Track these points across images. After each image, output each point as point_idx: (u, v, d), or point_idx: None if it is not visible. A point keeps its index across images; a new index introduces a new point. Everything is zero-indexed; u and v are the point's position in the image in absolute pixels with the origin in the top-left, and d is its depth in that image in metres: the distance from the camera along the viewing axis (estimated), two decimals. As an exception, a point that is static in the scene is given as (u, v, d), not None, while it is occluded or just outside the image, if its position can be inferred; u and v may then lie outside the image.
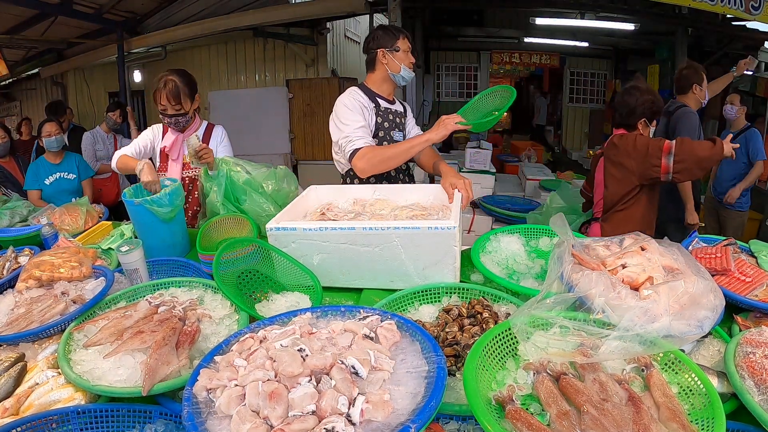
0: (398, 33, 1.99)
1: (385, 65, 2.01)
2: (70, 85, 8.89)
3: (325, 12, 5.94)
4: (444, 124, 1.77)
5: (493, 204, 3.67)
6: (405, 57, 2.00)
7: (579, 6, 6.47)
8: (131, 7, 6.40)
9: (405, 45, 1.99)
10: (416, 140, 1.84)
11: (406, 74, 2.02)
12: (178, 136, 2.17)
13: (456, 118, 1.78)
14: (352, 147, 1.87)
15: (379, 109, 2.02)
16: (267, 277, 1.44)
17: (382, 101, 2.05)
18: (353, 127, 1.89)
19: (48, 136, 3.24)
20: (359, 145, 1.86)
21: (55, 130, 3.27)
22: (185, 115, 2.11)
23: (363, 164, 1.84)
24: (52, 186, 3.27)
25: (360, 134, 1.89)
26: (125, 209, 1.74)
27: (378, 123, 2.00)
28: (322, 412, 0.74)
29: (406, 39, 2.00)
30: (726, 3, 4.11)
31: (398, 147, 1.85)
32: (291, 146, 7.21)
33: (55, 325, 1.14)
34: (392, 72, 2.01)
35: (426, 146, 1.86)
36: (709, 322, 0.97)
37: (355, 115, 1.92)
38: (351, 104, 1.94)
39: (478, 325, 1.11)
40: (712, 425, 0.77)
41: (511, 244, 1.57)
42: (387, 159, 1.85)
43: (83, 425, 0.92)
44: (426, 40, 8.57)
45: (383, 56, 2.00)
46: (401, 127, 2.10)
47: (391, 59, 1.99)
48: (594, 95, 9.45)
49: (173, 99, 2.04)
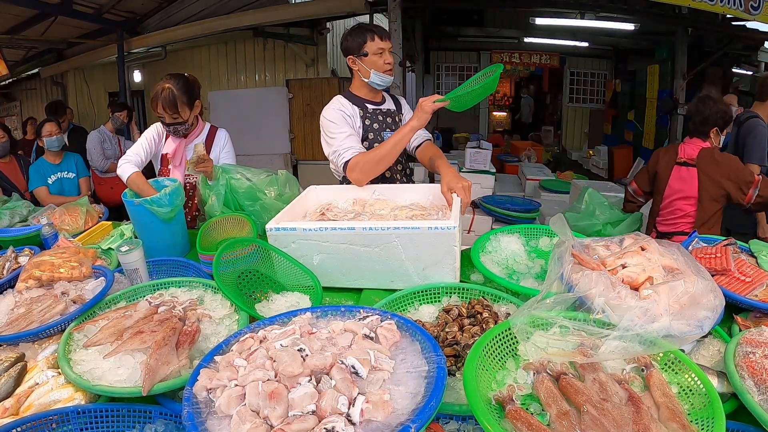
0: (366, 34, 1.85)
1: (357, 71, 1.94)
2: (70, 85, 8.88)
3: (325, 12, 5.94)
4: (422, 107, 1.71)
5: (493, 204, 3.67)
6: (376, 60, 1.87)
7: (579, 6, 6.47)
8: (131, 7, 6.40)
9: (375, 47, 1.85)
10: (401, 132, 1.78)
11: (377, 79, 1.91)
12: (180, 141, 2.13)
13: (433, 97, 1.71)
14: (342, 161, 1.85)
15: (366, 112, 1.97)
16: (267, 277, 1.44)
17: (368, 104, 1.99)
18: (339, 140, 1.86)
19: (48, 136, 3.26)
20: (348, 157, 1.83)
21: (55, 130, 3.29)
22: (183, 124, 2.05)
23: (356, 174, 1.82)
24: (54, 186, 3.28)
25: (347, 145, 1.85)
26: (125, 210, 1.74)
27: (366, 126, 1.96)
28: (322, 412, 0.74)
29: (378, 38, 1.85)
30: (725, 3, 4.11)
31: (385, 145, 1.80)
32: (291, 146, 7.22)
33: (55, 325, 1.14)
34: (364, 78, 1.93)
35: (412, 135, 1.79)
36: (709, 322, 0.97)
37: (339, 126, 1.88)
38: (332, 116, 1.90)
39: (478, 325, 1.11)
40: (712, 425, 0.77)
41: (511, 244, 1.57)
42: (378, 161, 1.80)
43: (83, 425, 0.92)
44: (426, 40, 8.58)
45: (353, 63, 1.91)
46: (394, 126, 2.03)
47: (360, 65, 1.89)
48: (594, 95, 9.46)
49: (170, 108, 1.98)
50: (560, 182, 5.22)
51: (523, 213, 3.55)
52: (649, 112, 7.20)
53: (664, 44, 6.67)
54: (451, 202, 1.56)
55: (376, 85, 1.94)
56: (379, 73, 1.90)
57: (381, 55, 1.87)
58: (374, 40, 1.85)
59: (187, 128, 2.09)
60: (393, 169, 2.09)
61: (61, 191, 3.29)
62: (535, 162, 7.37)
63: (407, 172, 2.17)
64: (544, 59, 8.98)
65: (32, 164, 3.34)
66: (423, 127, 1.79)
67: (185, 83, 2.03)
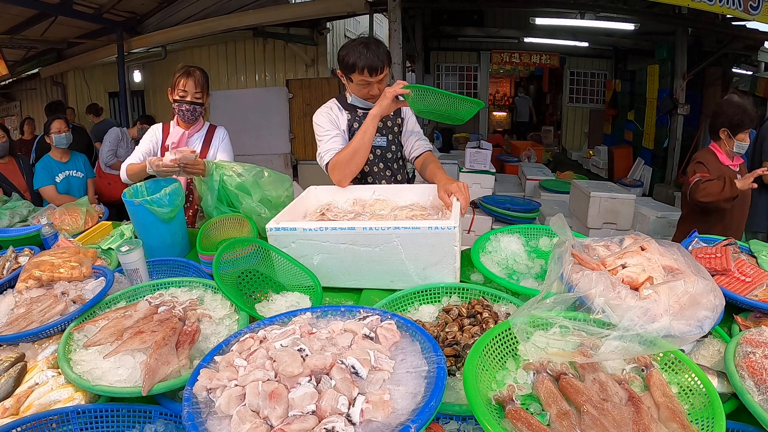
0: (355, 67, 1.78)
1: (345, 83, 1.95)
2: (70, 85, 8.89)
3: (325, 12, 5.95)
4: (384, 95, 1.72)
5: (493, 204, 3.67)
6: (359, 89, 1.87)
7: (579, 6, 6.48)
8: (131, 7, 6.41)
9: (359, 78, 1.81)
10: (366, 123, 1.78)
11: (357, 103, 1.95)
12: (183, 134, 2.17)
13: (399, 84, 1.70)
14: (324, 163, 1.89)
15: (355, 116, 1.97)
16: (267, 277, 1.44)
17: (360, 109, 1.98)
18: (324, 142, 1.89)
19: (58, 133, 3.26)
20: (327, 159, 1.86)
21: (64, 127, 3.30)
22: (202, 106, 2.16)
23: (336, 175, 1.84)
24: (62, 184, 3.29)
25: (328, 147, 1.87)
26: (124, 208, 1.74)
27: (354, 129, 1.95)
28: (322, 412, 0.74)
29: (367, 72, 1.78)
30: (725, 3, 4.11)
31: (353, 140, 1.81)
32: (291, 146, 7.22)
33: (55, 325, 1.14)
34: (350, 93, 1.96)
35: (376, 122, 1.78)
36: (709, 322, 0.97)
37: (325, 129, 1.91)
38: (319, 119, 1.94)
39: (478, 325, 1.11)
40: (712, 425, 0.77)
41: (511, 244, 1.57)
42: (350, 157, 1.81)
43: (83, 425, 0.92)
44: (426, 40, 8.58)
45: (341, 76, 1.91)
46: (386, 130, 2.01)
47: (346, 83, 1.92)
48: (594, 95, 9.47)
49: (197, 86, 2.10)
50: (560, 182, 5.23)
51: (523, 213, 3.55)
52: (649, 112, 7.21)
53: (664, 44, 6.67)
54: (450, 204, 1.55)
55: (357, 104, 1.96)
56: (359, 99, 1.93)
57: (365, 86, 1.85)
58: (363, 73, 1.79)
59: (201, 113, 2.19)
60: (395, 170, 2.08)
61: (68, 190, 3.28)
62: (535, 162, 7.38)
63: (398, 178, 2.12)
64: (544, 59, 8.99)
65: (39, 161, 3.34)
66: (385, 114, 1.78)
67: (205, 73, 2.18)
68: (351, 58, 1.79)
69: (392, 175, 2.10)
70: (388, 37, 5.08)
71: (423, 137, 2.08)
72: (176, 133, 2.18)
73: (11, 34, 6.10)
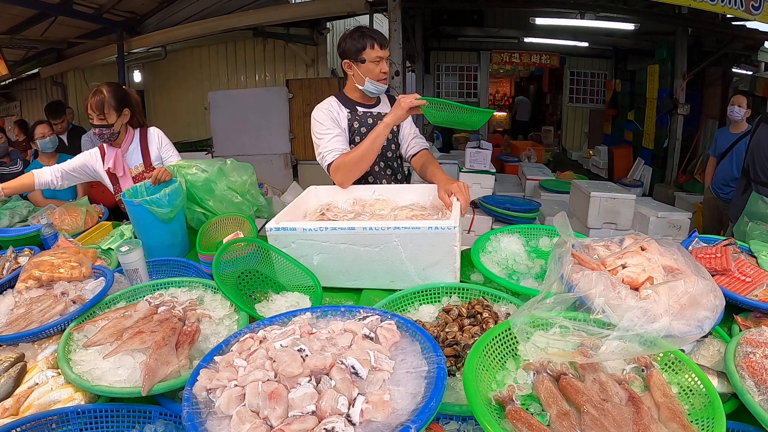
0: (365, 40, 1.81)
1: (352, 76, 1.91)
2: (70, 85, 8.87)
3: (325, 12, 5.95)
4: (399, 104, 1.70)
5: (493, 204, 3.66)
6: (372, 68, 1.84)
7: (579, 6, 6.48)
8: (131, 7, 6.40)
9: (373, 54, 1.82)
10: (377, 129, 1.76)
11: (371, 87, 1.89)
12: (116, 153, 2.12)
13: (413, 96, 1.70)
14: (326, 164, 1.86)
15: (355, 115, 1.95)
16: (267, 277, 1.44)
17: (359, 107, 1.97)
18: (325, 141, 1.86)
19: (41, 138, 3.18)
20: (330, 159, 1.84)
21: (48, 131, 3.21)
22: (109, 128, 2.05)
23: (339, 177, 1.82)
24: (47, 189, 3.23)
25: (331, 147, 1.85)
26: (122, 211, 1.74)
27: (354, 129, 1.95)
28: (322, 413, 0.74)
29: (378, 46, 1.82)
30: (726, 3, 4.10)
31: (363, 144, 1.79)
32: (291, 146, 7.22)
33: (55, 325, 1.14)
34: (358, 84, 1.91)
35: (388, 131, 1.77)
36: (709, 322, 0.97)
37: (326, 127, 1.88)
38: (319, 116, 1.91)
39: (478, 325, 1.11)
40: (712, 425, 0.77)
41: (511, 244, 1.57)
42: (357, 161, 1.79)
43: (83, 425, 0.92)
44: (426, 40, 8.58)
45: (348, 67, 1.89)
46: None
47: (356, 70, 1.87)
48: (594, 95, 9.47)
49: (96, 109, 2.02)
50: (560, 182, 5.22)
51: (523, 213, 3.54)
52: (649, 112, 7.21)
53: (664, 44, 6.67)
54: (450, 204, 1.55)
55: (369, 92, 1.93)
56: (373, 82, 1.88)
57: (378, 63, 1.85)
58: (374, 47, 1.81)
59: (113, 134, 2.08)
60: (395, 171, 2.08)
61: (54, 194, 3.20)
62: (535, 162, 7.37)
63: (398, 177, 2.12)
64: (544, 59, 8.99)
65: (29, 167, 3.31)
66: (397, 123, 1.77)
67: (117, 90, 2.09)
68: (359, 41, 1.81)
69: (392, 174, 2.09)
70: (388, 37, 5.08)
71: (419, 135, 2.09)
72: (110, 154, 2.13)
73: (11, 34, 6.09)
